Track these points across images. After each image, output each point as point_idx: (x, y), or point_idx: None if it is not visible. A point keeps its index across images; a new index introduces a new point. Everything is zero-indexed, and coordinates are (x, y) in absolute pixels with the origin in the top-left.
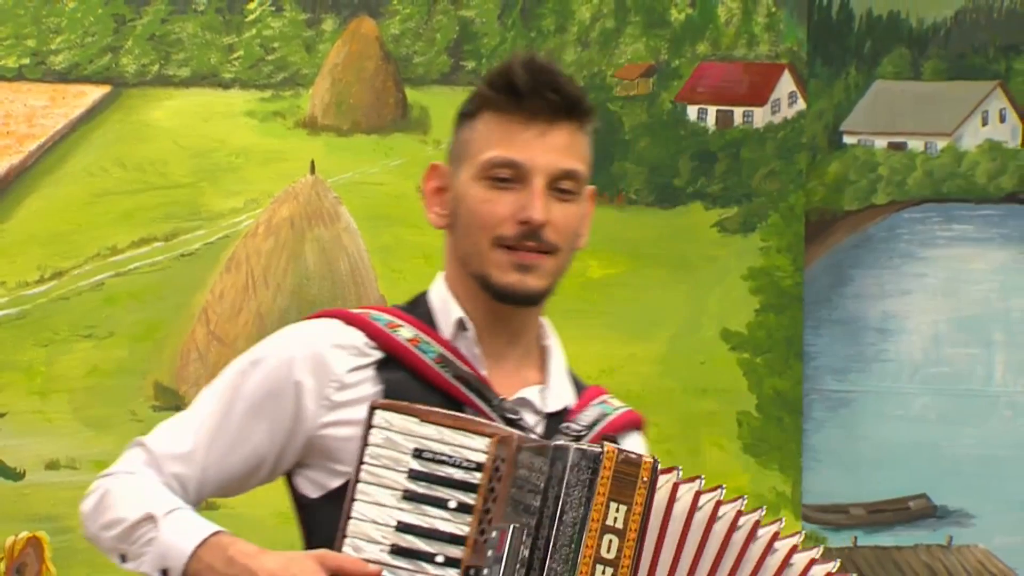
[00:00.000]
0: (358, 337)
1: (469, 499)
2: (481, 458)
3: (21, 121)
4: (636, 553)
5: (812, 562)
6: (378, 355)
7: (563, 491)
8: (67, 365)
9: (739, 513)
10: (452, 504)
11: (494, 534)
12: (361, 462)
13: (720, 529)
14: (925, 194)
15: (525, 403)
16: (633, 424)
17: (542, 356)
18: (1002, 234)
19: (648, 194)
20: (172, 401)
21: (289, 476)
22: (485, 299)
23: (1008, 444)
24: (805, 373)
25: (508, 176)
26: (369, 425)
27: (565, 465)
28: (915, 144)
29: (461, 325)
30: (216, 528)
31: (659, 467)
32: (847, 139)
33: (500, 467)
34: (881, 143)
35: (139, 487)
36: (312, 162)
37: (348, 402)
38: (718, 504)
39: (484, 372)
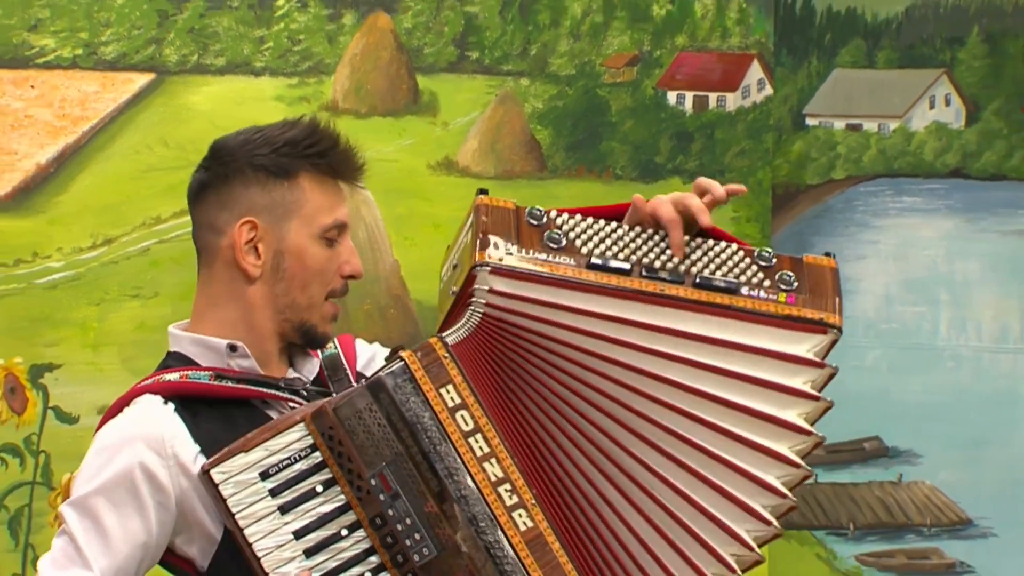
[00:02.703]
0: (153, 399)
1: (326, 475)
2: (308, 440)
3: (75, 105)
4: (486, 412)
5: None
6: (171, 406)
7: (404, 411)
8: (117, 321)
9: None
10: (319, 488)
11: (374, 482)
12: (232, 515)
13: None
14: (878, 170)
15: (297, 381)
16: (350, 342)
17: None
18: (947, 205)
19: (632, 170)
20: None
21: (171, 561)
22: (278, 341)
23: (951, 391)
24: None
25: (337, 236)
26: (214, 485)
27: (389, 392)
28: (870, 125)
29: (231, 348)
30: None
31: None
32: (809, 121)
33: (333, 434)
34: (840, 124)
35: None
36: None
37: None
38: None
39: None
